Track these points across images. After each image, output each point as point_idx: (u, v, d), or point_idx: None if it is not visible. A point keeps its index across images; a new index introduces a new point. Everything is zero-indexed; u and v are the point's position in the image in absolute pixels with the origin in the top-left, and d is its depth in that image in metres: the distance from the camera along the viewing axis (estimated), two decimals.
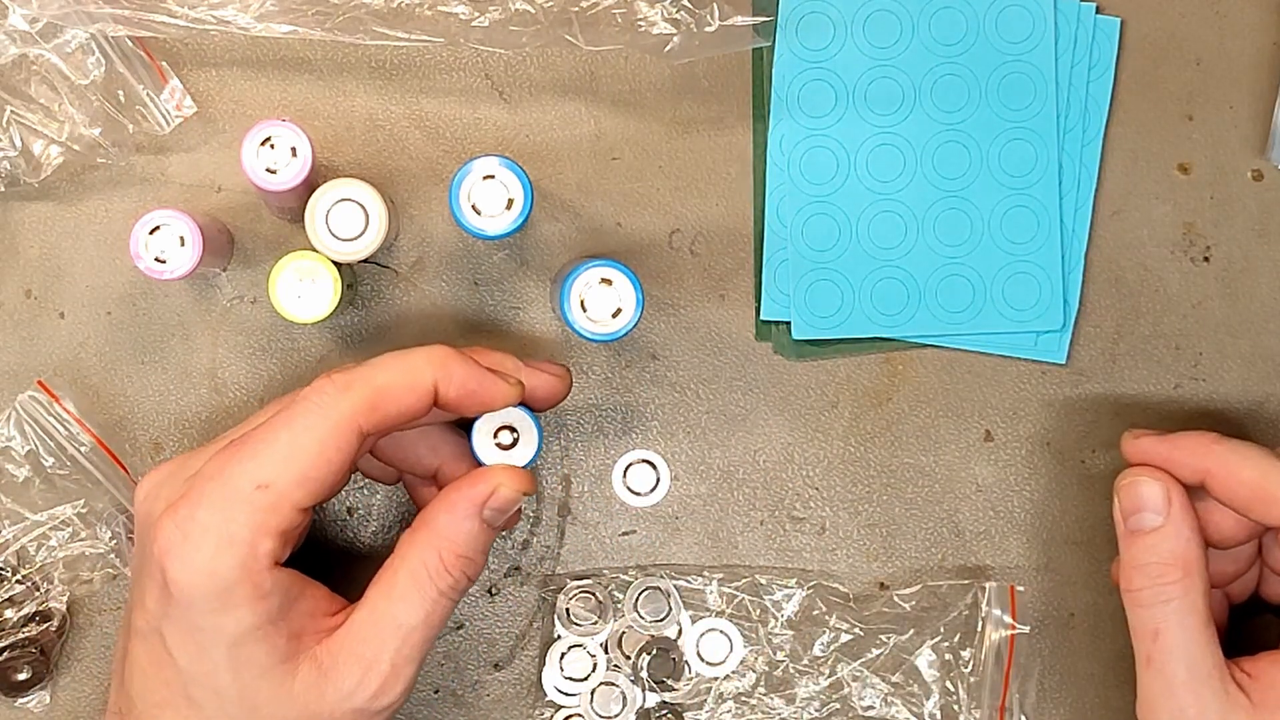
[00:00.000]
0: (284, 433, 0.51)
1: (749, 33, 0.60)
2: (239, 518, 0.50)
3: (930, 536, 0.65)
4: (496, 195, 0.57)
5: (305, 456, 0.51)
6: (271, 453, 0.51)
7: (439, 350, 0.53)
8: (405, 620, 0.53)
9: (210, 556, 0.50)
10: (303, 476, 0.51)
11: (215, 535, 0.50)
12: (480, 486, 0.54)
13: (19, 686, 0.62)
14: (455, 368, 0.53)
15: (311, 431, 0.51)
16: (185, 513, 0.51)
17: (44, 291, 0.63)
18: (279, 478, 0.51)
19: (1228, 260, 0.66)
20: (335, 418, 0.51)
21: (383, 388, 0.52)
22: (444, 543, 0.53)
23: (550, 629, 0.64)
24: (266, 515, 0.50)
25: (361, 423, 0.51)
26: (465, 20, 0.60)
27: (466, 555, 0.54)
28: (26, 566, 0.62)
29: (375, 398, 0.52)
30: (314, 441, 0.51)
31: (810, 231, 0.64)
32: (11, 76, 0.61)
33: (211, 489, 0.51)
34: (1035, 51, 0.64)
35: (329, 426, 0.51)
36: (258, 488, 0.50)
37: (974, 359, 0.65)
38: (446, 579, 0.53)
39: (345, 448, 0.51)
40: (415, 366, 0.53)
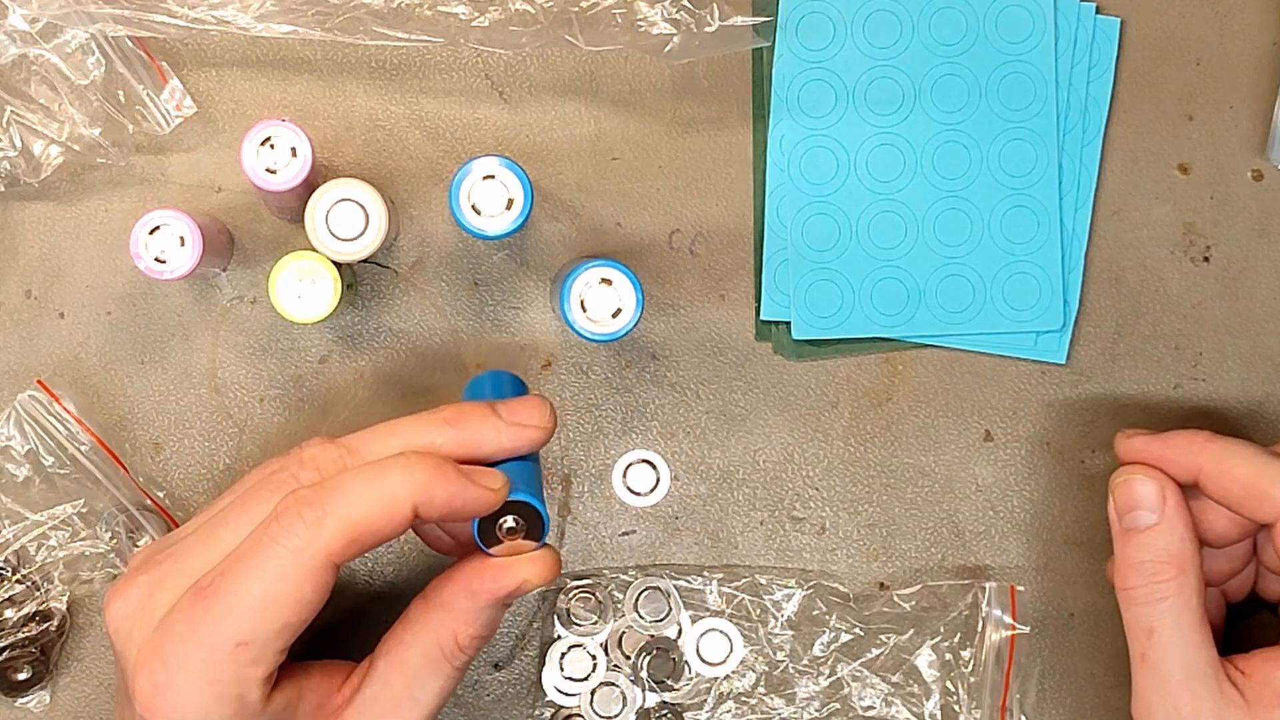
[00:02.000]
0: (256, 585, 0.48)
1: (749, 33, 0.60)
2: (223, 676, 0.48)
3: (930, 536, 0.65)
4: (496, 195, 0.57)
5: (282, 607, 0.48)
6: (246, 608, 0.48)
7: (418, 469, 0.49)
8: (423, 699, 0.52)
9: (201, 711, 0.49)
10: (282, 625, 0.49)
11: (199, 695, 0.48)
12: (505, 581, 0.52)
13: (19, 686, 0.62)
14: (436, 490, 0.49)
15: (285, 581, 0.48)
16: (164, 677, 0.49)
17: (44, 291, 0.63)
18: (258, 633, 0.48)
19: (1228, 260, 0.66)
20: (309, 561, 0.48)
21: (358, 523, 0.49)
22: (462, 626, 0.52)
23: (550, 629, 0.64)
24: (250, 668, 0.49)
25: (336, 560, 0.49)
26: (465, 20, 0.60)
27: (482, 636, 0.53)
28: (26, 566, 0.62)
29: (350, 533, 0.49)
30: (289, 589, 0.48)
31: (810, 231, 0.64)
32: (11, 76, 0.61)
33: (187, 651, 0.48)
34: (1035, 51, 0.64)
35: (303, 571, 0.48)
36: (238, 646, 0.48)
37: (974, 359, 0.65)
38: (461, 658, 0.53)
39: (320, 586, 0.49)
40: (393, 495, 0.49)
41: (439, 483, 0.49)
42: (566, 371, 0.64)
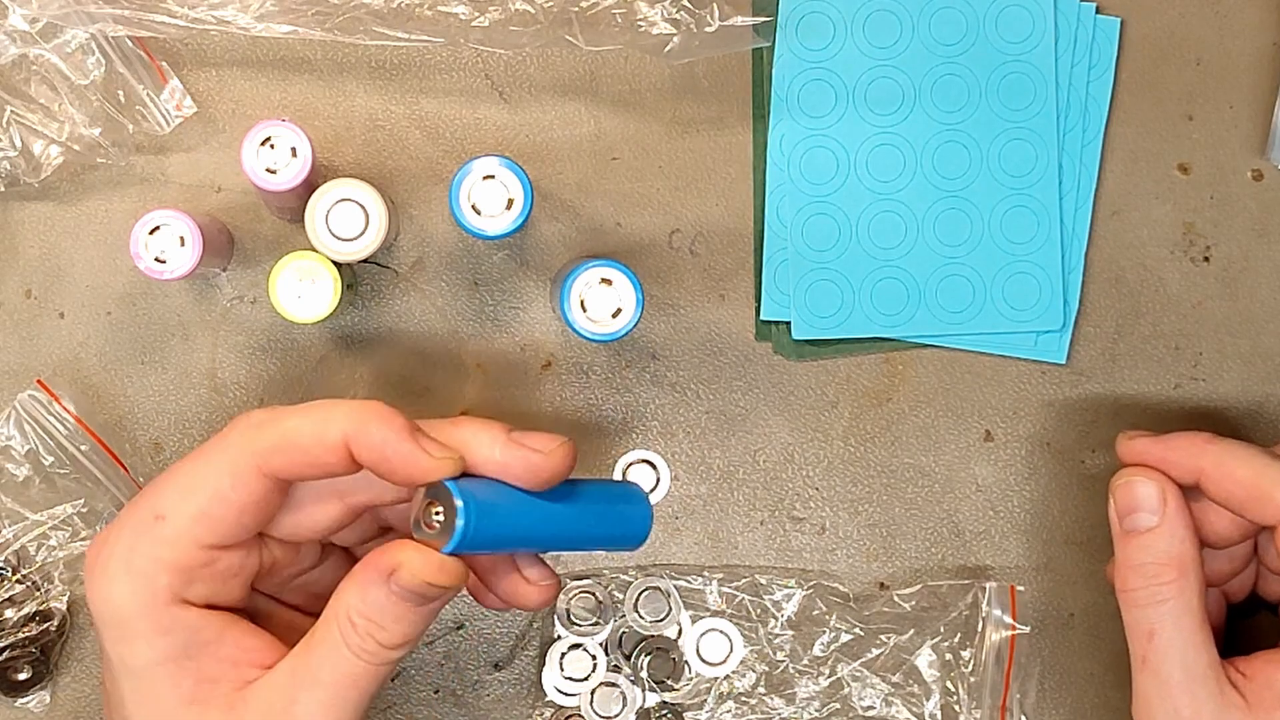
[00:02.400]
0: (187, 465, 0.50)
1: (749, 33, 0.60)
2: (140, 548, 0.49)
3: (930, 536, 0.65)
4: (496, 195, 0.57)
5: (203, 491, 0.49)
6: (173, 485, 0.50)
7: (365, 407, 0.49)
8: (320, 674, 0.50)
9: (111, 583, 0.49)
10: (199, 512, 0.49)
11: (118, 562, 0.49)
12: (385, 557, 0.49)
13: (19, 686, 0.62)
14: (374, 428, 0.49)
15: (211, 466, 0.49)
16: (100, 538, 0.50)
17: (44, 291, 0.63)
18: (175, 510, 0.49)
19: (1228, 260, 0.66)
20: (235, 454, 0.49)
21: (289, 431, 0.49)
22: (353, 600, 0.49)
23: (550, 629, 0.64)
24: (163, 548, 0.49)
25: (261, 464, 0.49)
26: (465, 20, 0.60)
27: (372, 620, 0.49)
28: (26, 566, 0.62)
29: (280, 440, 0.49)
30: (212, 476, 0.49)
31: (810, 231, 0.64)
32: (11, 76, 0.61)
33: (123, 518, 0.50)
34: (1035, 51, 0.64)
35: (228, 462, 0.49)
36: (156, 518, 0.49)
37: (974, 359, 0.65)
38: (354, 638, 0.49)
39: (244, 486, 0.49)
40: (328, 418, 0.49)
41: (379, 425, 0.49)
42: (566, 371, 0.64)
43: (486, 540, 0.49)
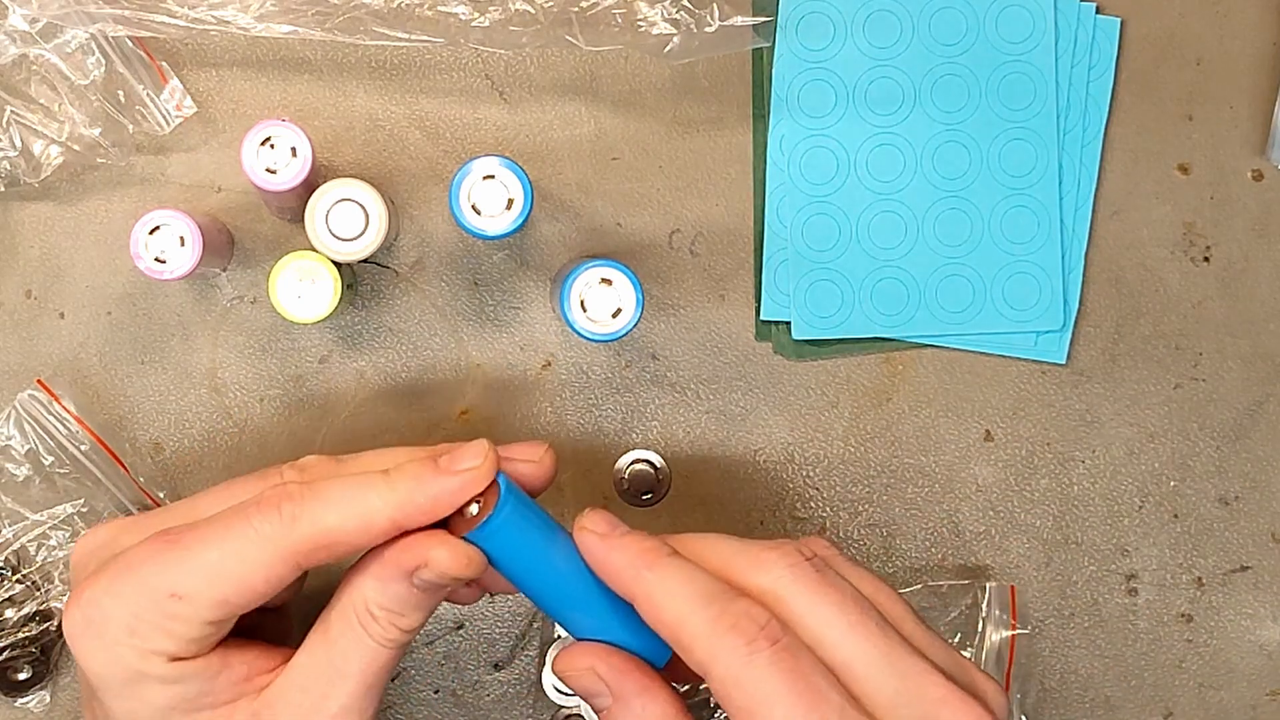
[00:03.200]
0: (214, 550, 0.48)
1: (749, 33, 0.60)
2: (146, 617, 0.48)
3: (930, 536, 0.65)
4: (496, 195, 0.57)
5: (229, 581, 0.48)
6: (196, 565, 0.48)
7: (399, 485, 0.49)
8: (343, 666, 0.50)
9: (110, 647, 0.48)
10: (222, 599, 0.48)
11: (117, 627, 0.48)
12: (408, 555, 0.49)
13: (19, 686, 0.62)
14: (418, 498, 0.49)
15: (244, 559, 0.48)
16: (90, 597, 0.49)
17: (44, 291, 0.63)
18: (196, 593, 0.48)
19: (1228, 260, 0.66)
20: (270, 553, 0.48)
21: (331, 529, 0.48)
22: (371, 593, 0.50)
23: (550, 629, 0.64)
24: (174, 623, 0.48)
25: (300, 561, 0.48)
26: (465, 20, 0.60)
27: (393, 610, 0.50)
28: (26, 566, 0.62)
29: (322, 539, 0.48)
30: (243, 568, 0.48)
31: (810, 231, 0.64)
32: (11, 76, 0.61)
33: (124, 582, 0.48)
34: (1035, 51, 0.64)
35: (261, 559, 0.48)
36: (171, 596, 0.48)
37: (974, 359, 0.65)
38: (376, 628, 0.50)
39: (275, 580, 0.48)
40: (371, 508, 0.48)
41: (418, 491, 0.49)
42: (566, 371, 0.64)
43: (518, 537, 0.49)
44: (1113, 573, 0.66)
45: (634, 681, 0.49)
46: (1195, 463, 0.66)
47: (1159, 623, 0.66)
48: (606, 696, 0.49)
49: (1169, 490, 0.66)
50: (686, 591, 0.47)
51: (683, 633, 0.47)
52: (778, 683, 0.45)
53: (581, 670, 0.49)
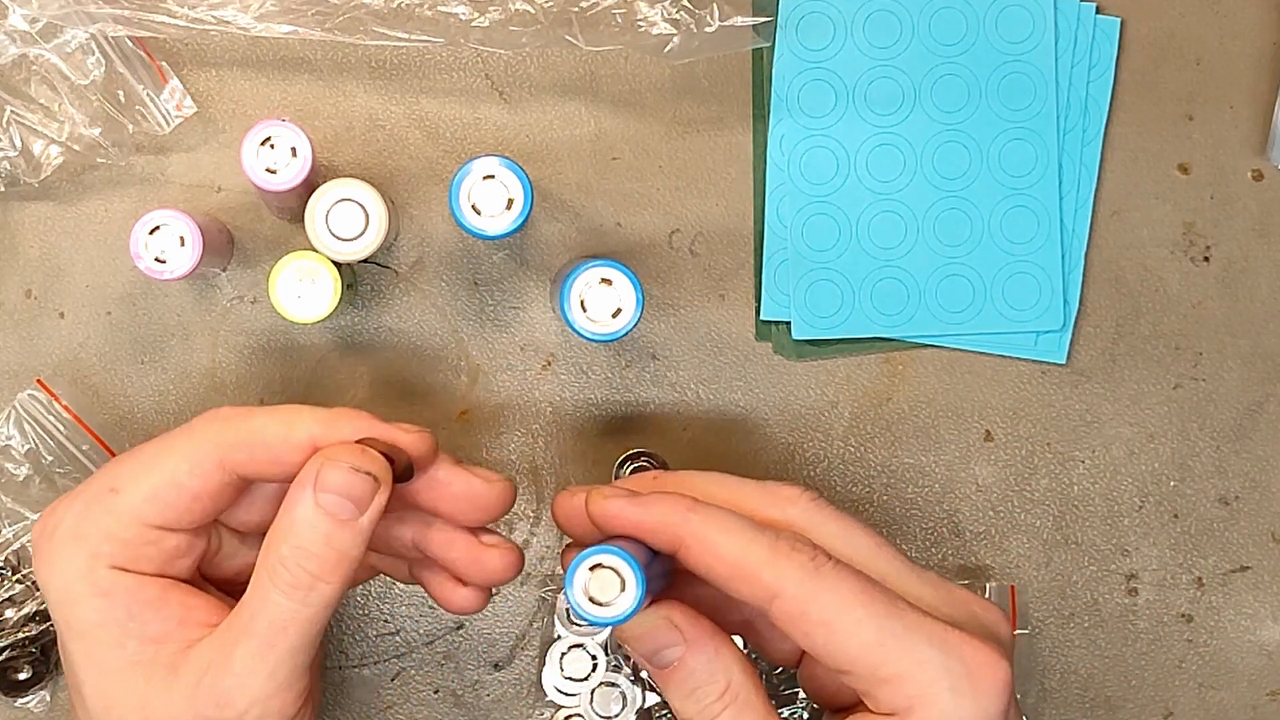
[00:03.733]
0: (150, 446, 0.51)
1: (749, 33, 0.60)
2: (89, 516, 0.50)
3: (930, 536, 0.65)
4: (496, 195, 0.57)
5: (159, 473, 0.50)
6: (132, 462, 0.51)
7: (337, 411, 0.50)
8: (254, 625, 0.48)
9: (56, 550, 0.50)
10: (151, 492, 0.50)
11: (65, 530, 0.50)
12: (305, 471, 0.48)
13: (19, 686, 0.62)
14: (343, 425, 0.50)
15: (172, 451, 0.50)
16: (49, 510, 0.51)
17: (44, 291, 0.63)
18: (129, 486, 0.50)
19: (1228, 260, 0.66)
20: (198, 444, 0.50)
21: (256, 429, 0.50)
22: (277, 534, 0.48)
23: (550, 629, 0.64)
24: (111, 519, 0.50)
25: (223, 457, 0.50)
26: (465, 20, 0.60)
27: (303, 547, 0.48)
28: (26, 566, 0.62)
29: (245, 437, 0.50)
30: (171, 461, 0.50)
31: (810, 231, 0.64)
32: (11, 76, 0.61)
33: (79, 488, 0.51)
34: (1035, 51, 0.64)
35: (189, 450, 0.50)
36: (109, 490, 0.50)
37: (974, 359, 0.65)
38: (284, 575, 0.48)
39: (200, 476, 0.50)
40: (297, 419, 0.50)
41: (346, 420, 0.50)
42: (566, 371, 0.64)
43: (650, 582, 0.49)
44: (1113, 573, 0.66)
45: (707, 626, 0.50)
46: (1195, 463, 0.66)
47: (1159, 623, 0.66)
48: (679, 646, 0.50)
49: (1169, 490, 0.66)
50: (738, 524, 0.49)
51: (746, 563, 0.48)
52: (849, 589, 0.48)
53: (655, 618, 0.50)
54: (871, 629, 0.47)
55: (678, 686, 0.50)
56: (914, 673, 0.47)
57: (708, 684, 0.50)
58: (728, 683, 0.50)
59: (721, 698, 0.50)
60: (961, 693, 0.47)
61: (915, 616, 0.48)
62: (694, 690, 0.50)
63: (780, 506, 0.51)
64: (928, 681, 0.47)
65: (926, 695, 0.47)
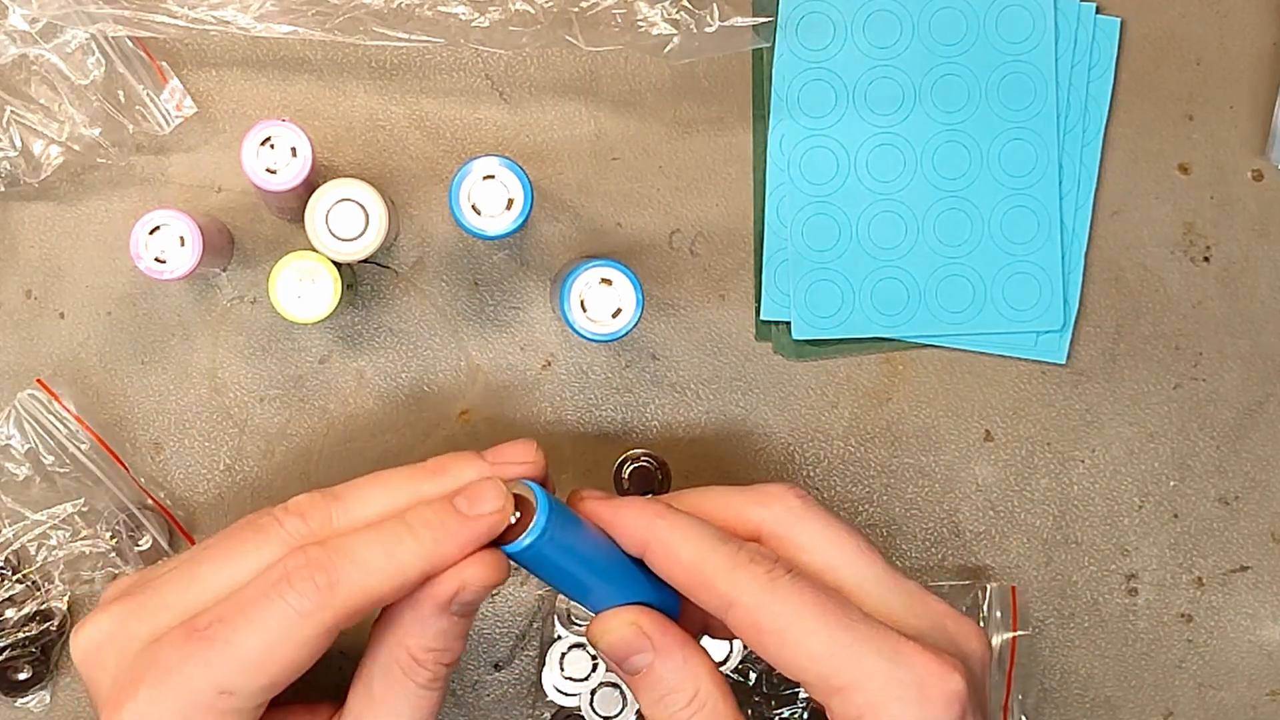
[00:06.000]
0: (254, 637, 0.47)
1: (749, 33, 0.60)
2: (199, 718, 0.47)
3: (930, 536, 0.65)
4: (496, 195, 0.57)
5: (275, 665, 0.47)
6: (239, 658, 0.47)
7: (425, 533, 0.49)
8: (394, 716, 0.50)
9: None
10: (270, 683, 0.47)
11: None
12: (444, 585, 0.49)
13: (19, 686, 0.62)
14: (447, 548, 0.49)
15: (286, 640, 0.47)
16: (136, 710, 0.47)
17: (44, 291, 0.63)
18: (245, 686, 0.47)
19: (1228, 260, 0.66)
20: (313, 626, 0.47)
21: (371, 594, 0.48)
22: (411, 639, 0.49)
23: (550, 629, 0.64)
24: (227, 716, 0.47)
25: (342, 625, 0.48)
26: (465, 20, 0.60)
27: (437, 648, 0.50)
28: (27, 566, 0.62)
29: (361, 602, 0.48)
30: (288, 650, 0.47)
31: (810, 231, 0.64)
32: (11, 76, 0.61)
33: (168, 688, 0.47)
34: (1035, 51, 0.64)
35: (306, 634, 0.47)
36: (220, 694, 0.47)
37: (974, 359, 0.65)
38: (422, 674, 0.50)
39: (318, 651, 0.48)
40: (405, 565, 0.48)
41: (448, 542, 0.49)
42: (566, 371, 0.64)
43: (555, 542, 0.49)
44: (1113, 573, 0.66)
45: (677, 634, 0.51)
46: (1195, 463, 0.66)
47: (1159, 623, 0.66)
48: (648, 653, 0.51)
49: (1169, 490, 0.66)
50: (701, 533, 0.50)
51: (704, 570, 0.49)
52: (803, 600, 0.48)
53: (624, 625, 0.51)
54: (822, 639, 0.48)
55: (647, 692, 0.51)
56: (863, 682, 0.48)
57: (677, 691, 0.50)
58: (695, 690, 0.50)
59: (689, 705, 0.50)
60: (909, 702, 0.47)
61: (868, 627, 0.48)
62: (663, 697, 0.51)
63: (767, 504, 0.52)
64: (876, 691, 0.48)
65: (875, 704, 0.48)
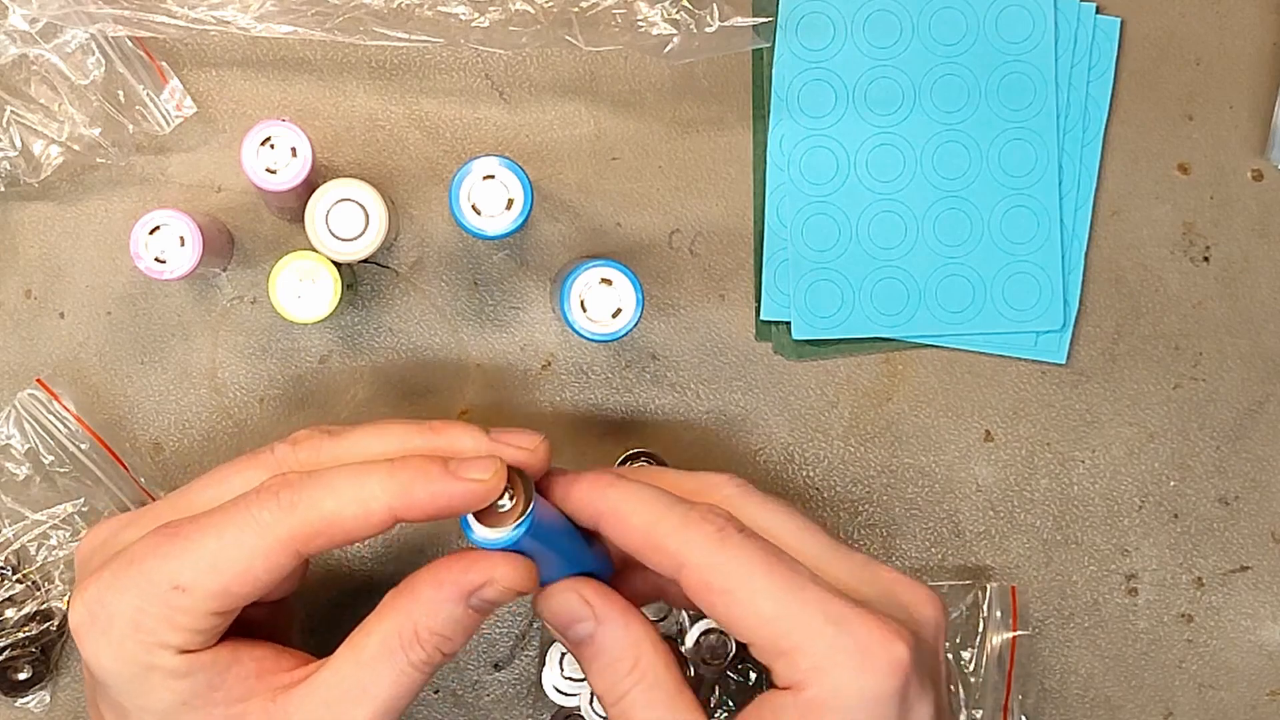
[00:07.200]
0: (213, 539, 0.48)
1: (749, 33, 0.60)
2: (150, 610, 0.48)
3: (930, 536, 0.65)
4: (496, 195, 0.57)
5: (229, 570, 0.48)
6: (196, 556, 0.48)
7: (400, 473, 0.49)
8: (372, 688, 0.49)
9: (117, 642, 0.48)
10: (223, 589, 0.48)
11: (123, 622, 0.48)
12: (473, 574, 0.49)
13: (19, 686, 0.62)
14: (417, 491, 0.48)
15: (242, 547, 0.48)
16: (94, 594, 0.49)
17: (44, 291, 0.63)
18: (197, 584, 0.48)
19: (1228, 260, 0.66)
20: (270, 539, 0.48)
21: (330, 515, 0.48)
22: (422, 617, 0.49)
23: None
24: (177, 614, 0.48)
25: (299, 548, 0.48)
26: (465, 20, 0.60)
27: (443, 634, 0.50)
28: (27, 566, 0.62)
29: (320, 524, 0.48)
30: (242, 557, 0.48)
31: (810, 231, 0.64)
32: (11, 76, 0.61)
33: (127, 576, 0.48)
34: (1035, 51, 0.64)
35: (261, 546, 0.48)
36: (174, 588, 0.48)
37: (974, 359, 0.65)
38: (419, 653, 0.49)
39: (275, 569, 0.48)
40: (370, 495, 0.48)
41: (420, 484, 0.49)
42: (566, 371, 0.64)
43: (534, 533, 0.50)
44: (1113, 573, 0.66)
45: (618, 603, 0.51)
46: (1195, 463, 0.66)
47: (1159, 623, 0.66)
48: (590, 621, 0.51)
49: (1169, 490, 0.66)
50: (651, 498, 0.51)
51: (654, 534, 0.50)
52: (752, 558, 0.49)
53: (567, 595, 0.51)
54: (769, 601, 0.48)
55: (590, 662, 0.51)
56: (807, 647, 0.48)
57: (618, 660, 0.51)
58: (636, 659, 0.50)
59: (631, 674, 0.50)
60: (851, 669, 0.47)
61: (816, 591, 0.48)
62: (606, 666, 0.51)
63: (709, 492, 0.52)
64: (819, 656, 0.48)
65: (818, 670, 0.48)
